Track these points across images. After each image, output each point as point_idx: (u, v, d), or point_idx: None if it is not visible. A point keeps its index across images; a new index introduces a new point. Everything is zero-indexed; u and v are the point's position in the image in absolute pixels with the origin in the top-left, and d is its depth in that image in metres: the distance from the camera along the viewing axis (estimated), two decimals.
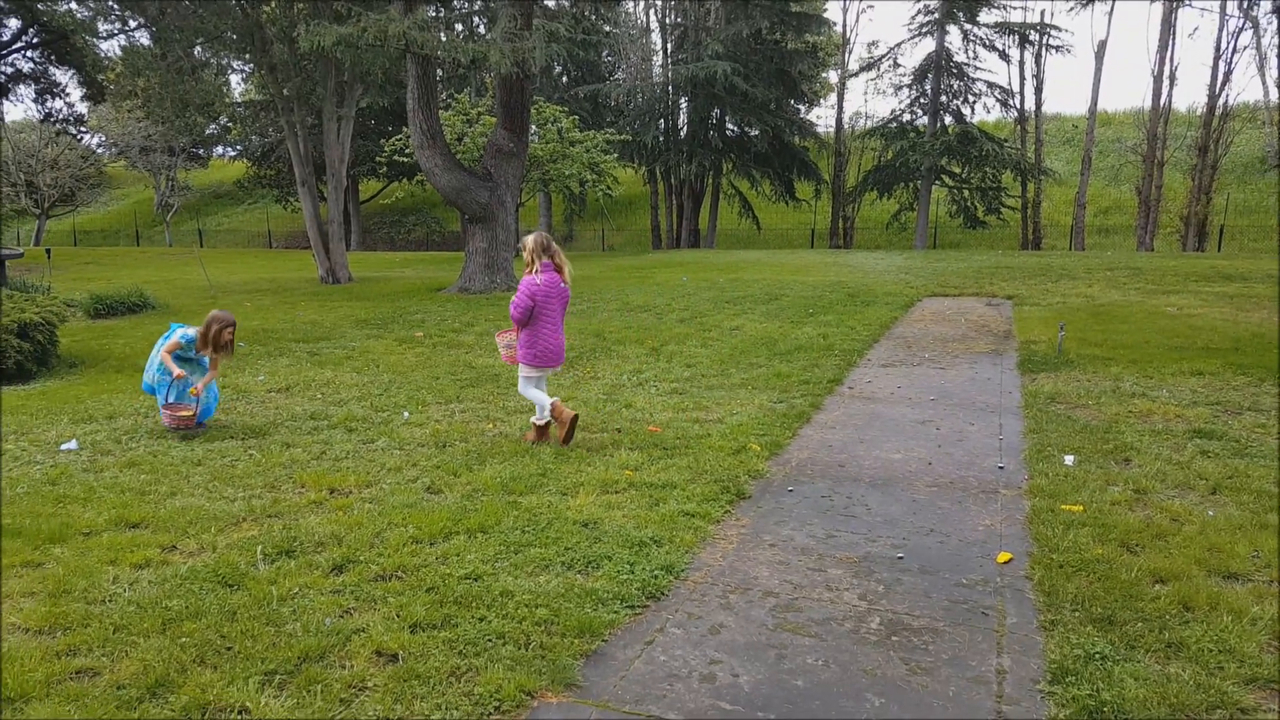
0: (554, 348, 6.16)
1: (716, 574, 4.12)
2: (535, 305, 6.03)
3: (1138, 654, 3.35)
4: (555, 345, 6.17)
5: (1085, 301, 13.37)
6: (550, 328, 6.13)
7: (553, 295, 6.11)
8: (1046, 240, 33.91)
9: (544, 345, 6.12)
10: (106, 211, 50.74)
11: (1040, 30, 32.71)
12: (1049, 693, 3.13)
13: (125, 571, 4.08)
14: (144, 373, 6.89)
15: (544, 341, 6.12)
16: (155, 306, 14.72)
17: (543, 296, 6.05)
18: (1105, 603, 3.73)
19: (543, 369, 6.23)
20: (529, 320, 6.08)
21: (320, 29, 13.79)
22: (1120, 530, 4.50)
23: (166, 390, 6.61)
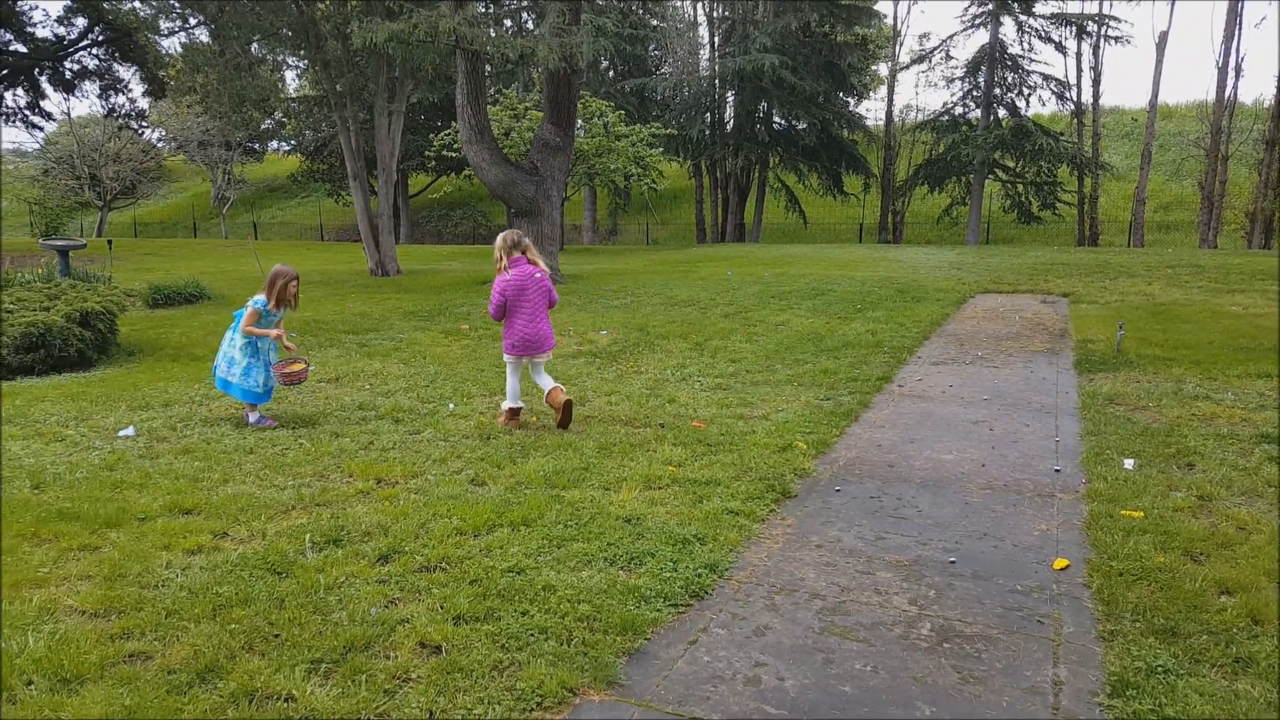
0: (529, 335, 6.39)
1: (761, 574, 4.06)
2: (506, 300, 6.31)
3: (1203, 668, 3.22)
4: (530, 333, 6.39)
5: (1145, 300, 13.01)
6: (524, 319, 6.37)
7: (526, 287, 6.36)
8: (1104, 236, 33.07)
9: (518, 335, 6.39)
10: (165, 204, 51.98)
11: (1098, 21, 31.89)
12: (1108, 706, 3.02)
13: (178, 557, 4.15)
14: (215, 370, 6.78)
15: (518, 332, 6.38)
16: (211, 297, 15.03)
17: (513, 291, 6.33)
18: (1168, 613, 3.58)
19: (519, 357, 6.46)
20: (504, 314, 6.39)
21: (373, 25, 13.94)
22: (1183, 538, 4.33)
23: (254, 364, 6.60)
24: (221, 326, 11.53)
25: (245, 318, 6.58)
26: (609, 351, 9.53)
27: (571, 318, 11.89)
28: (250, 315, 6.56)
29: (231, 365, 6.61)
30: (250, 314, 6.57)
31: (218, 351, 6.80)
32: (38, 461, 5.69)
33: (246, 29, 19.01)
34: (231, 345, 6.66)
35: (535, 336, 6.44)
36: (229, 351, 6.66)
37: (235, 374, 6.59)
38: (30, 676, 3.10)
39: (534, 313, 6.42)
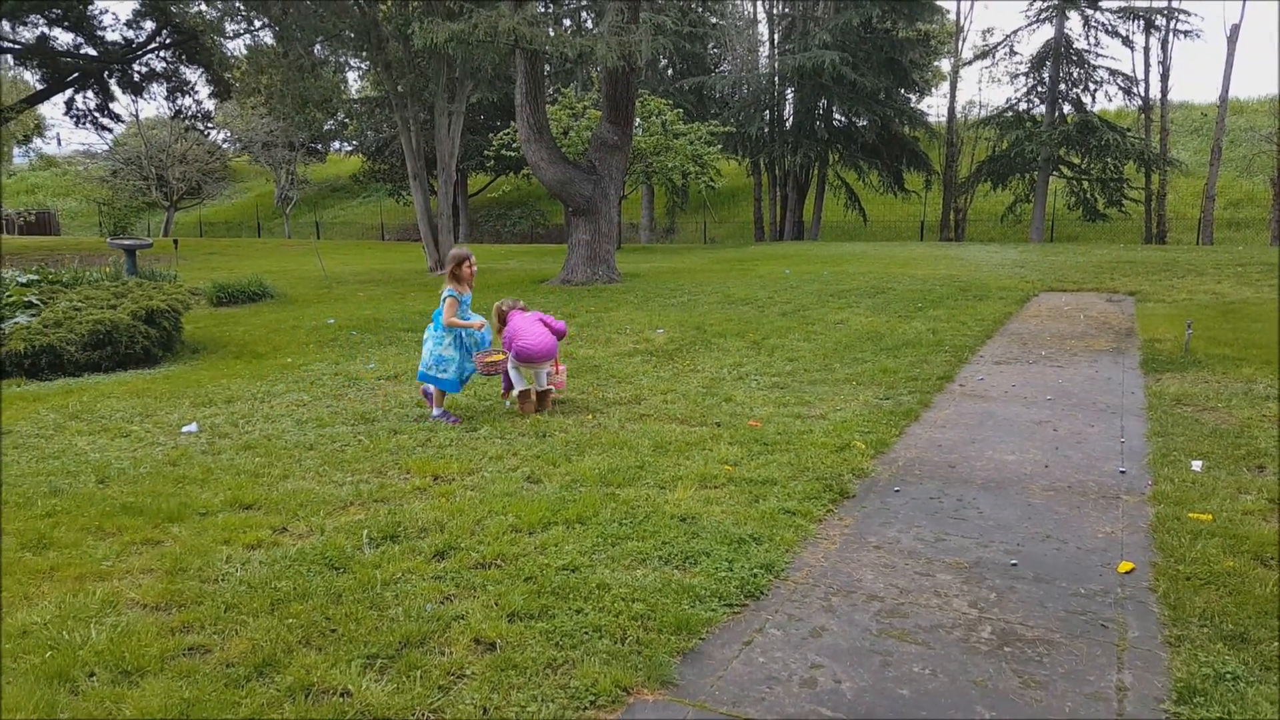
0: (531, 349, 6.73)
1: (818, 575, 4.00)
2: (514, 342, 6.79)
3: (1273, 675, 3.09)
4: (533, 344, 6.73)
5: (1214, 299, 12.58)
6: (525, 339, 6.74)
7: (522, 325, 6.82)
8: (1172, 234, 32.09)
9: (520, 347, 6.75)
10: (230, 204, 53.37)
11: (1167, 15, 30.96)
12: (1174, 713, 2.92)
13: (238, 551, 4.22)
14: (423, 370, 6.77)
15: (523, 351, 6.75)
16: (274, 295, 15.37)
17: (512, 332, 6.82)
18: (1237, 619, 3.46)
19: (524, 364, 6.83)
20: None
21: (433, 26, 14.13)
22: (1254, 542, 4.18)
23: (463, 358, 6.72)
24: (285, 324, 11.92)
25: (445, 311, 6.61)
26: (665, 350, 9.52)
27: (628, 316, 11.90)
28: (450, 306, 6.61)
29: (441, 363, 6.64)
30: (450, 305, 6.61)
31: (424, 352, 6.73)
32: (103, 457, 5.85)
33: (310, 31, 19.45)
34: (439, 344, 6.66)
35: (539, 348, 6.74)
36: (437, 350, 6.64)
37: (449, 370, 6.66)
38: (92, 668, 3.17)
39: (536, 333, 6.77)
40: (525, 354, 6.80)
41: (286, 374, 8.53)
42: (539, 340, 6.82)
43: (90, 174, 47.71)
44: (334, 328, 11.43)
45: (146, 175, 43.47)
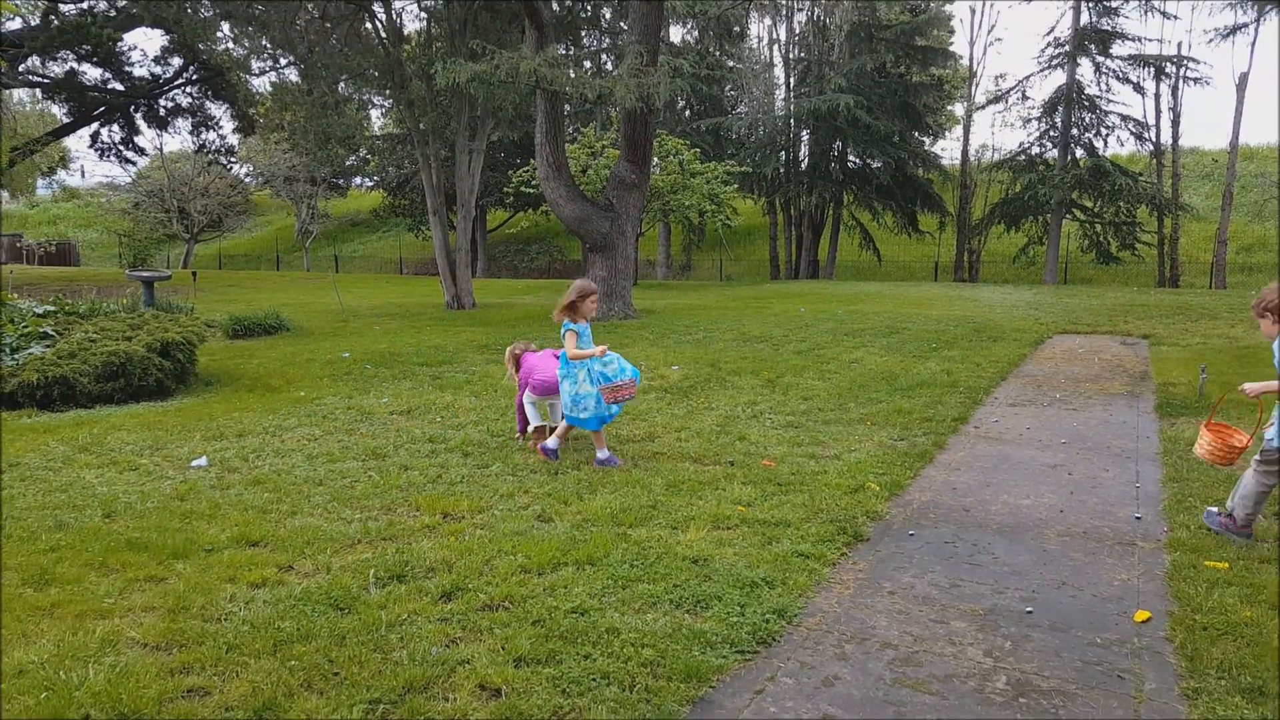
0: (550, 381, 6.76)
1: (831, 621, 3.94)
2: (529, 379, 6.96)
3: None
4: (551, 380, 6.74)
5: (1228, 343, 12.48)
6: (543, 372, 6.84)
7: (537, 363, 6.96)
8: (1185, 278, 32.04)
9: (538, 381, 6.88)
10: (250, 237, 53.97)
11: (1177, 62, 31.22)
12: None
13: (242, 590, 4.17)
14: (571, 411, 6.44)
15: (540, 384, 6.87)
16: (290, 328, 15.45)
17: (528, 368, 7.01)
18: (1255, 671, 3.39)
19: (543, 397, 6.93)
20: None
21: (456, 66, 14.33)
22: (1270, 591, 4.12)
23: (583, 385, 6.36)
24: (299, 357, 11.97)
25: (567, 345, 6.36)
26: (680, 387, 9.49)
27: (643, 353, 11.90)
28: (570, 340, 6.35)
29: (580, 401, 6.33)
30: (570, 338, 6.35)
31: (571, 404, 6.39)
32: (110, 490, 5.79)
33: (334, 69, 19.77)
34: (575, 382, 6.36)
35: (555, 381, 6.67)
36: (574, 389, 6.35)
37: (589, 409, 6.33)
38: (88, 710, 3.10)
39: (551, 367, 6.80)
40: (544, 386, 6.82)
41: (299, 408, 8.54)
42: (556, 374, 6.83)
43: (112, 206, 48.40)
44: (349, 361, 11.47)
45: (168, 208, 44.08)
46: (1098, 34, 30.94)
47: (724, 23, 30.98)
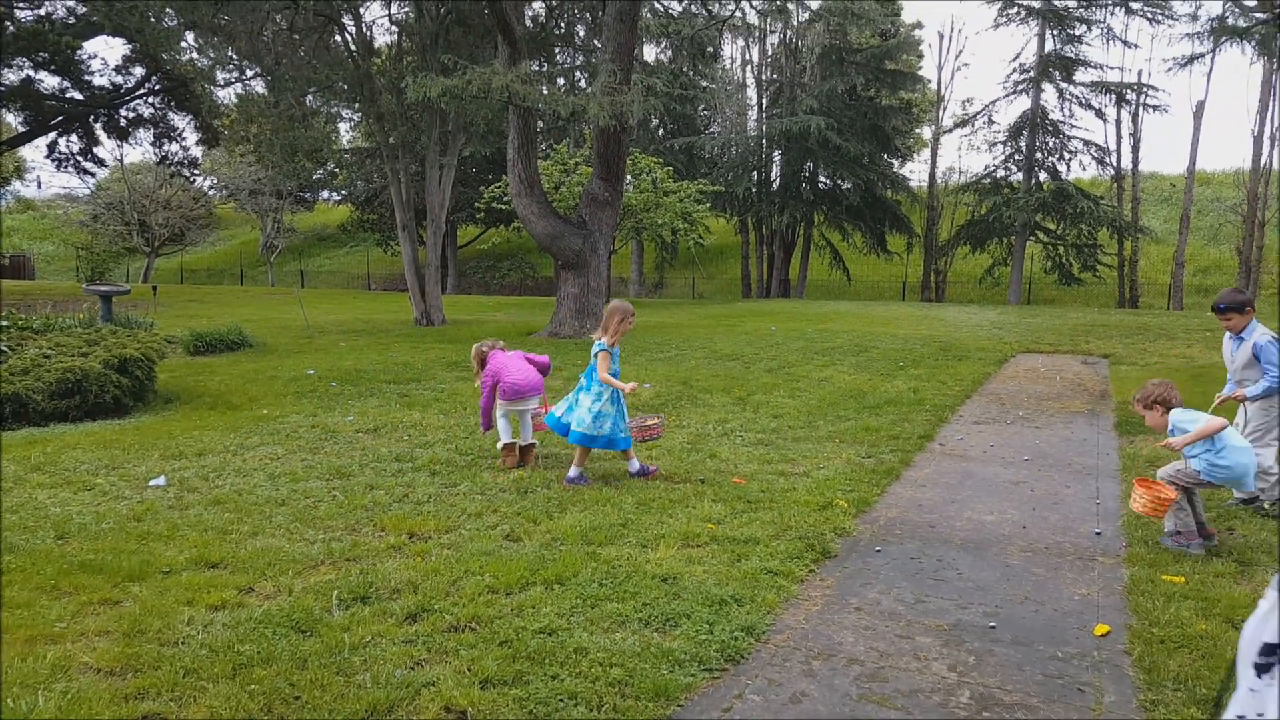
0: (519, 383, 6.83)
1: (799, 638, 3.94)
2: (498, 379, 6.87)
3: None
4: (520, 380, 6.84)
5: (1185, 362, 12.73)
6: (512, 375, 6.83)
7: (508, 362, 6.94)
8: (1144, 299, 32.80)
9: (508, 384, 6.83)
10: (213, 251, 53.28)
11: (1137, 90, 32.12)
12: None
13: (201, 613, 4.07)
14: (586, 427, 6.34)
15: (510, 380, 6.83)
16: (253, 344, 15.23)
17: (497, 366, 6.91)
18: (1210, 682, 3.47)
19: (511, 401, 6.86)
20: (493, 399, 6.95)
21: (427, 81, 14.28)
22: (1225, 604, 4.21)
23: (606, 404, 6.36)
24: (263, 374, 11.81)
25: (600, 365, 6.31)
26: (652, 405, 9.49)
27: None
28: (603, 360, 6.33)
29: (600, 420, 6.31)
30: (603, 359, 6.33)
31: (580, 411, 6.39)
32: (64, 511, 5.63)
33: (302, 81, 19.63)
34: (597, 400, 6.34)
35: (526, 383, 6.83)
36: (596, 406, 6.32)
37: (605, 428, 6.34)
38: None
39: (522, 369, 6.89)
40: (514, 390, 6.80)
41: (262, 426, 8.41)
42: (526, 376, 6.87)
43: (70, 218, 47.35)
44: (313, 378, 11.34)
45: (128, 220, 43.29)
46: (1062, 61, 31.66)
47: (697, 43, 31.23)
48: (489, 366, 6.97)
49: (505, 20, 15.70)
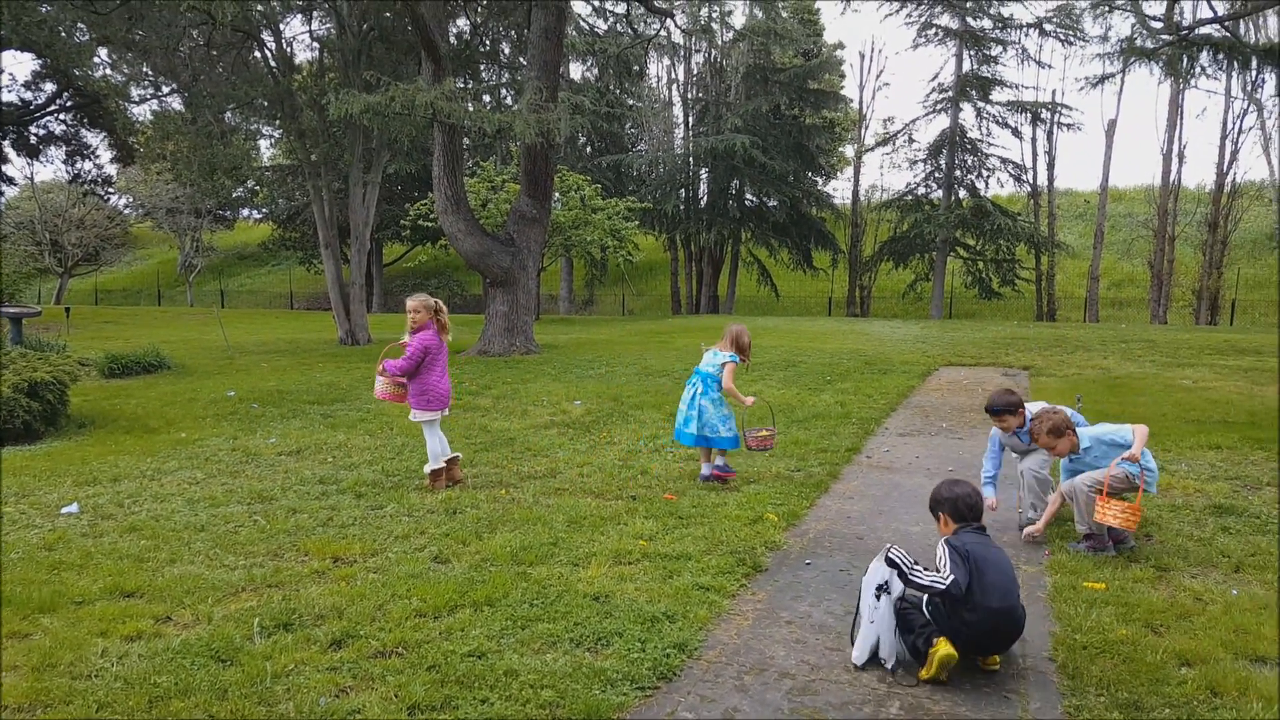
0: (445, 391, 6.76)
1: (731, 653, 3.95)
2: (428, 356, 6.64)
3: None
4: (446, 389, 6.78)
5: (1101, 373, 13.21)
6: (438, 375, 6.71)
7: (443, 348, 6.78)
8: (1061, 312, 33.98)
9: (441, 390, 6.72)
10: (129, 271, 51.58)
11: (1051, 109, 33.36)
12: None
13: (115, 644, 3.92)
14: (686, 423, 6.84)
15: (440, 387, 6.71)
16: (171, 366, 14.77)
17: (436, 348, 6.69)
18: (1131, 687, 3.57)
19: (434, 412, 6.71)
20: (417, 371, 6.61)
21: (349, 97, 14.08)
22: (1144, 610, 4.34)
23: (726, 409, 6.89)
24: (181, 396, 11.45)
25: (728, 375, 6.83)
26: (582, 422, 9.45)
27: (545, 388, 11.82)
28: (732, 371, 6.86)
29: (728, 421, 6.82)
30: (732, 370, 6.85)
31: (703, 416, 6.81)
32: None
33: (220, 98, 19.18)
34: (720, 405, 6.86)
35: (448, 392, 6.83)
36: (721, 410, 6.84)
37: (732, 428, 6.82)
38: None
39: (444, 370, 6.82)
40: (446, 398, 6.78)
41: (180, 450, 8.14)
42: (448, 385, 6.83)
43: None
44: (234, 400, 11.02)
45: (39, 240, 41.67)
46: (979, 80, 32.71)
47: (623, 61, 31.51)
48: (428, 340, 6.62)
49: (429, 37, 15.59)
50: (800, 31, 30.91)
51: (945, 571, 3.73)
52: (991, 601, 3.65)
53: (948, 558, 3.79)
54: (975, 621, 3.65)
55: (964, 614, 3.67)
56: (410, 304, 6.71)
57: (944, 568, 3.75)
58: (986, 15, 31.86)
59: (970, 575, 3.70)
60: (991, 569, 3.75)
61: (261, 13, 18.30)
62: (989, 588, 3.68)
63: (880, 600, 3.83)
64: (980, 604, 3.65)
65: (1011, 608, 3.70)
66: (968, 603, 3.67)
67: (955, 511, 4.04)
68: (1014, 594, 3.76)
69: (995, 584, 3.70)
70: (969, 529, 3.99)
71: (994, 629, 3.68)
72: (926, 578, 3.76)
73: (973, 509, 4.03)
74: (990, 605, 3.64)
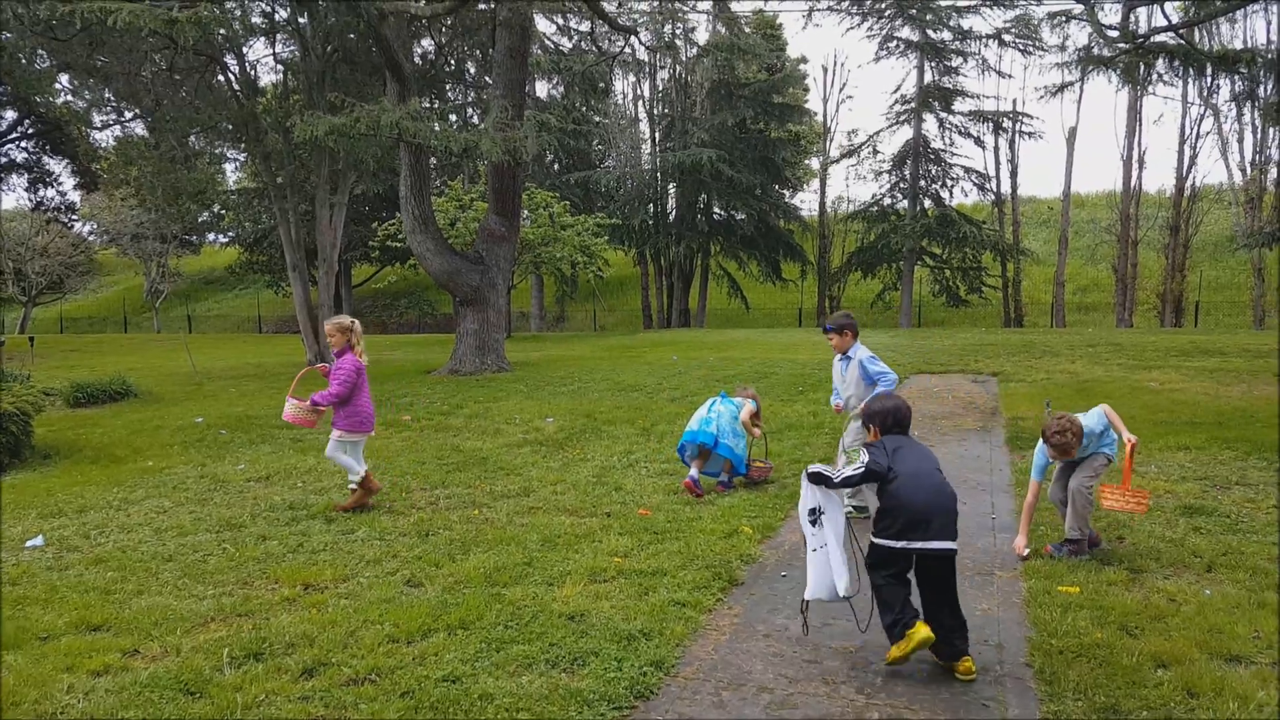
0: (370, 413, 6.82)
1: (708, 669, 3.93)
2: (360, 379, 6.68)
3: None
4: (371, 412, 6.85)
5: (1069, 378, 13.36)
6: (366, 398, 6.77)
7: (365, 383, 6.79)
8: (1028, 318, 34.40)
9: (367, 412, 6.76)
10: (95, 298, 50.84)
11: (1012, 118, 33.87)
12: None
13: (81, 679, 3.83)
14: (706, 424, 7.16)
15: (366, 409, 6.75)
16: (138, 394, 14.54)
17: (362, 369, 6.73)
18: (1108, 690, 3.58)
19: (363, 434, 6.76)
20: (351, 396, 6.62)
21: (314, 119, 14.00)
22: (1118, 612, 4.37)
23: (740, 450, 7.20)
24: (148, 424, 11.27)
25: (747, 411, 7.37)
26: (555, 439, 9.41)
27: (518, 406, 11.76)
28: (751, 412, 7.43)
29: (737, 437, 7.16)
30: (751, 411, 7.42)
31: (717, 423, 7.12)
32: None
33: (184, 122, 19.02)
34: (735, 420, 7.24)
35: (373, 413, 6.90)
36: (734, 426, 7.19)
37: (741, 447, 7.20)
38: None
39: (368, 391, 6.82)
40: (371, 422, 6.82)
41: (147, 479, 8.00)
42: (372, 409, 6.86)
43: None
44: (202, 427, 10.87)
45: (2, 269, 40.93)
46: (940, 91, 33.13)
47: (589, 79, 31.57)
48: (356, 363, 6.63)
49: (393, 57, 15.56)
50: (763, 47, 31.06)
51: (862, 456, 4.04)
52: (909, 465, 3.95)
53: (864, 451, 4.09)
54: (907, 492, 3.88)
55: (894, 491, 3.90)
56: (326, 328, 6.76)
57: (862, 455, 4.07)
58: (946, 27, 32.28)
59: (888, 455, 3.99)
60: (910, 451, 4.06)
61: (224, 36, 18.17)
62: (908, 458, 4.00)
63: (818, 526, 4.03)
64: (904, 472, 3.92)
65: (928, 470, 3.98)
66: (893, 476, 3.92)
67: (883, 424, 4.25)
68: (934, 465, 4.05)
69: (912, 457, 4.01)
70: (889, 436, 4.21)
71: (916, 493, 3.88)
72: (848, 469, 4.07)
73: (899, 422, 4.24)
74: (909, 469, 3.93)
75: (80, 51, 17.30)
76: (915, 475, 3.92)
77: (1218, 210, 34.78)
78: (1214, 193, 34.40)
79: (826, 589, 4.01)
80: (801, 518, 4.10)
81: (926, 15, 31.66)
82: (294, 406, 6.58)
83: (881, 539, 3.91)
